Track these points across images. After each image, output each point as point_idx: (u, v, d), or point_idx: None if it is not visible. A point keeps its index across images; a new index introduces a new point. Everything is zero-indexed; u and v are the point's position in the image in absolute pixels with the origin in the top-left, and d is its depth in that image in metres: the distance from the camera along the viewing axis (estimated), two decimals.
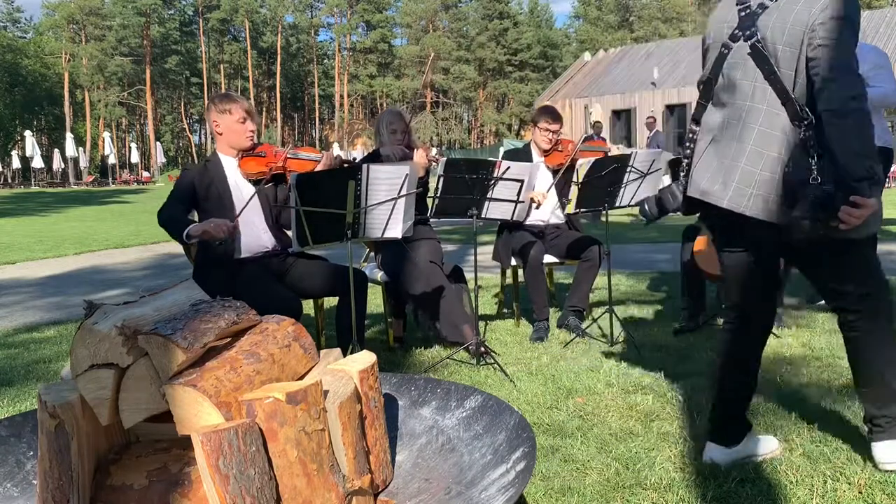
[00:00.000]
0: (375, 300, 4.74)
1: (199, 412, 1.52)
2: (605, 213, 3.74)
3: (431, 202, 3.38)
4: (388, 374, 2.29)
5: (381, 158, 3.84)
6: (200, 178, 3.23)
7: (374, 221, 2.99)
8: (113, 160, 44.13)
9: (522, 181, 3.39)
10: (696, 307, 4.00)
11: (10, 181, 44.71)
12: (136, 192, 31.46)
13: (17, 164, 42.02)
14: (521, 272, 4.14)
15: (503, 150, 4.43)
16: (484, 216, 3.44)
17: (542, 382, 3.06)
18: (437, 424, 2.09)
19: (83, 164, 42.47)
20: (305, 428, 1.57)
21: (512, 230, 4.12)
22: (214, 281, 3.03)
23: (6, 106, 51.86)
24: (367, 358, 1.94)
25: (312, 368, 1.90)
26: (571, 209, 3.65)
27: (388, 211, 2.98)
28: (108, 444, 1.70)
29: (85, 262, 8.26)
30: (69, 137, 38.47)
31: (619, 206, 3.72)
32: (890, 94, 3.81)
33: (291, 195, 2.79)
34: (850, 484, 2.03)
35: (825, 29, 1.90)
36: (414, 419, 2.14)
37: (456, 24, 60.82)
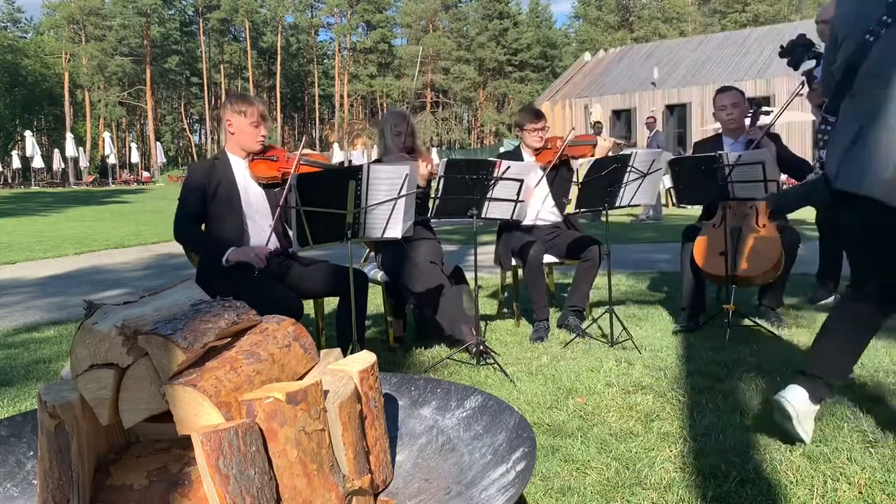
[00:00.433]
0: (375, 300, 4.74)
1: (199, 412, 1.52)
2: (605, 213, 3.74)
3: (432, 202, 3.38)
4: (388, 374, 2.29)
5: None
6: (208, 176, 3.22)
7: (374, 221, 2.99)
8: (113, 160, 44.13)
9: (522, 181, 3.39)
10: (696, 307, 4.00)
11: (10, 181, 44.74)
12: (136, 192, 31.47)
13: (17, 164, 42.01)
14: (520, 272, 4.14)
15: (503, 150, 4.44)
16: (484, 216, 3.44)
17: (542, 382, 3.06)
18: (437, 424, 2.09)
19: (83, 164, 42.48)
20: (305, 428, 1.57)
21: (511, 231, 4.12)
22: (217, 281, 3.04)
23: (6, 106, 51.88)
24: (367, 358, 1.94)
25: (312, 368, 1.90)
26: (571, 209, 3.65)
27: (388, 211, 2.98)
28: (108, 444, 1.70)
29: (85, 262, 8.26)
30: (69, 137, 38.47)
31: (619, 206, 3.72)
32: None
33: (291, 195, 2.79)
34: (850, 484, 2.04)
35: None
36: (414, 419, 2.14)
37: (456, 24, 60.84)
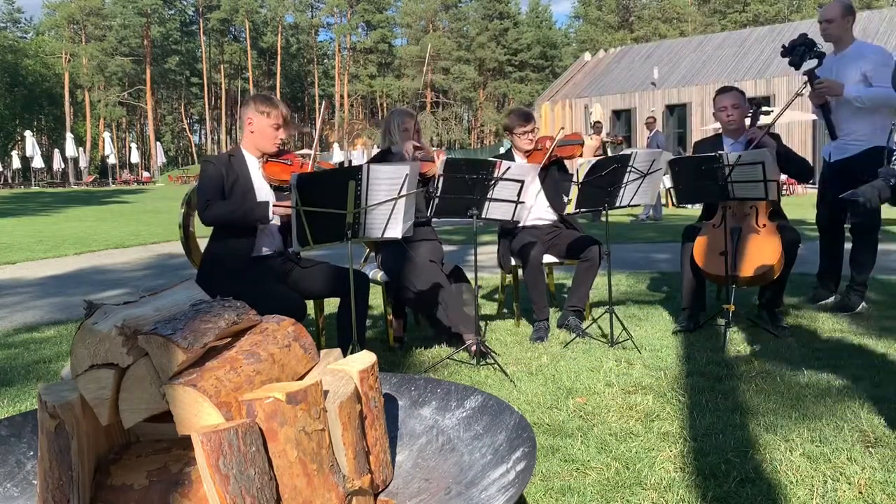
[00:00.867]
0: (375, 300, 4.74)
1: (199, 412, 1.52)
2: (604, 212, 3.74)
3: (431, 202, 3.37)
4: (388, 374, 2.29)
5: (393, 157, 3.83)
6: (226, 170, 3.21)
7: (374, 221, 2.99)
8: (113, 160, 44.14)
9: (523, 181, 3.39)
10: (696, 307, 4.00)
11: (10, 181, 44.71)
12: (136, 192, 31.47)
13: (17, 164, 42.02)
14: (520, 272, 4.14)
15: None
16: (484, 216, 3.44)
17: (542, 382, 3.06)
18: (437, 424, 2.09)
19: (83, 164, 42.50)
20: (305, 428, 1.57)
21: (512, 233, 4.12)
22: (219, 280, 3.04)
23: (6, 106, 51.89)
24: (367, 358, 1.94)
25: (312, 368, 1.90)
26: (571, 209, 3.65)
27: (388, 211, 2.98)
28: (108, 444, 1.70)
29: (85, 262, 8.26)
30: (69, 137, 38.48)
31: (619, 206, 3.72)
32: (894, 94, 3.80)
33: (292, 195, 2.79)
34: (850, 484, 2.03)
35: None
36: (414, 419, 2.14)
37: (456, 24, 60.85)
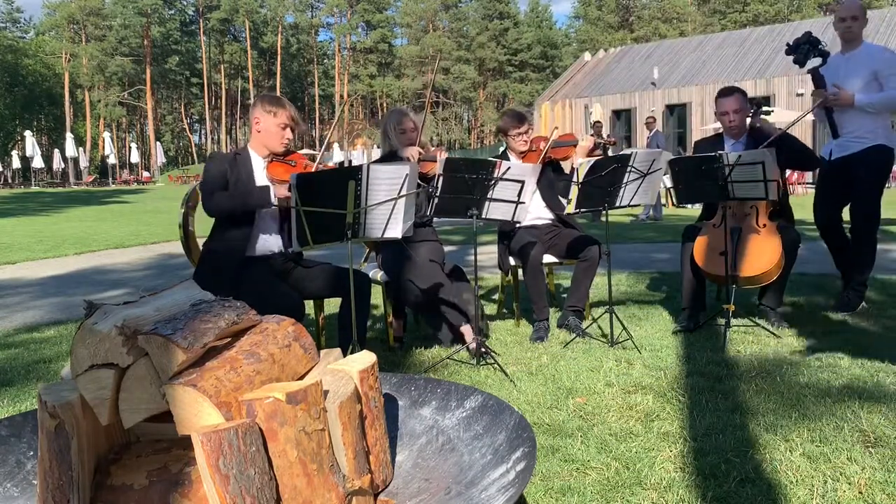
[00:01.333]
0: (375, 300, 4.74)
1: (199, 412, 1.52)
2: (604, 212, 3.74)
3: (431, 202, 3.37)
4: (388, 374, 2.29)
5: (398, 160, 3.82)
6: (230, 168, 3.22)
7: (374, 221, 2.99)
8: (113, 160, 44.15)
9: (523, 182, 3.38)
10: (696, 307, 4.00)
11: (10, 181, 44.71)
12: (136, 192, 31.47)
13: (17, 164, 42.04)
14: (520, 272, 4.14)
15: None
16: (484, 216, 3.44)
17: (542, 382, 3.06)
18: (437, 424, 2.09)
19: (83, 164, 42.50)
20: (305, 428, 1.57)
21: (511, 233, 4.12)
22: (217, 280, 3.04)
23: (6, 106, 51.89)
24: (367, 358, 1.94)
25: (312, 368, 1.90)
26: (571, 209, 3.65)
27: (388, 211, 2.98)
28: (108, 444, 1.70)
29: (85, 262, 8.26)
30: (69, 137, 38.47)
31: (619, 206, 3.72)
32: None
33: (291, 195, 2.79)
34: (850, 484, 2.03)
35: None
36: (414, 419, 2.14)
37: (456, 24, 60.84)
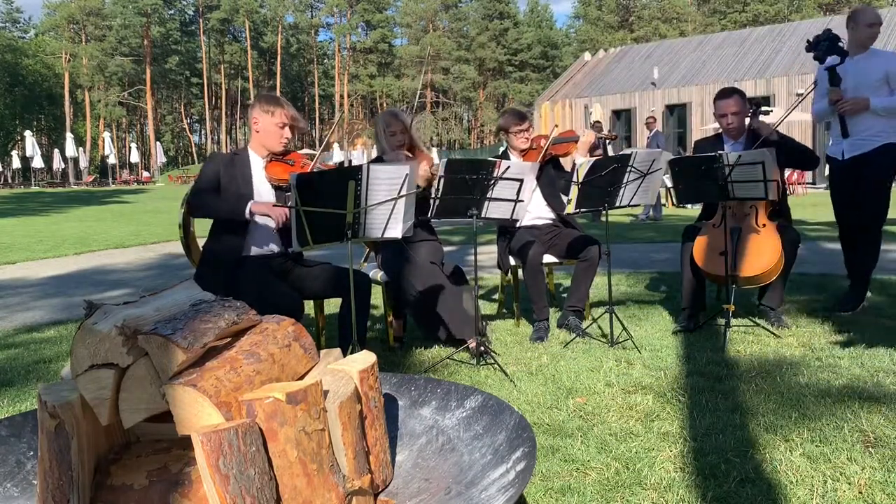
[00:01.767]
0: (375, 300, 4.74)
1: (199, 412, 1.52)
2: (604, 212, 3.74)
3: (431, 202, 3.37)
4: (388, 374, 2.29)
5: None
6: (226, 167, 3.22)
7: (374, 221, 2.99)
8: (113, 160, 44.15)
9: (522, 180, 3.39)
10: (696, 307, 4.00)
11: (10, 181, 44.73)
12: (136, 192, 31.48)
13: (17, 164, 42.03)
14: (520, 272, 4.13)
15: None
16: (484, 216, 3.44)
17: (542, 382, 3.06)
18: (437, 424, 2.09)
19: (83, 164, 42.51)
20: (305, 428, 1.57)
21: (511, 233, 4.12)
22: (217, 280, 3.04)
23: (6, 106, 51.90)
24: (367, 358, 1.94)
25: (312, 368, 1.90)
26: (571, 209, 3.65)
27: (388, 211, 2.98)
28: (108, 444, 1.70)
29: (85, 262, 8.26)
30: (69, 137, 38.48)
31: (618, 206, 3.72)
32: None
33: (291, 195, 2.79)
34: (850, 484, 2.03)
35: None
36: (414, 419, 2.14)
37: (456, 24, 60.86)
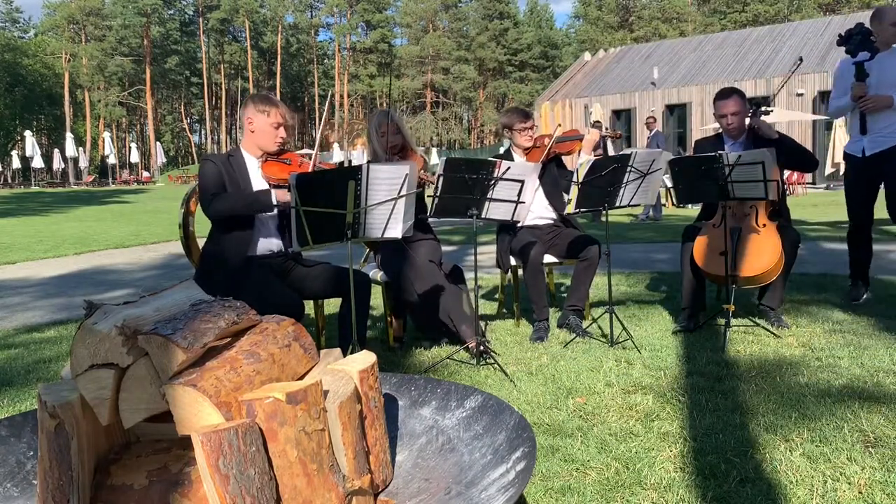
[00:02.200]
0: (375, 300, 4.74)
1: (199, 412, 1.52)
2: (604, 212, 3.74)
3: (431, 202, 3.37)
4: (388, 374, 2.29)
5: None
6: (225, 169, 3.22)
7: (374, 221, 2.99)
8: (113, 160, 44.16)
9: (523, 181, 3.39)
10: (696, 307, 4.00)
11: (10, 181, 44.73)
12: (136, 192, 31.48)
13: (17, 164, 42.03)
14: (520, 272, 4.13)
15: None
16: (484, 216, 3.44)
17: (542, 382, 3.06)
18: (437, 424, 2.09)
19: (83, 164, 42.51)
20: (305, 428, 1.57)
21: (511, 233, 4.12)
22: (218, 280, 3.04)
23: (6, 106, 51.90)
24: (367, 358, 1.94)
25: (312, 368, 1.90)
26: (571, 209, 3.65)
27: (388, 211, 2.98)
28: (108, 444, 1.70)
29: (85, 262, 8.26)
30: (69, 137, 38.48)
31: (618, 206, 3.72)
32: None
33: (291, 195, 2.79)
34: (850, 484, 2.03)
35: None
36: (414, 419, 2.14)
37: (456, 24, 60.86)
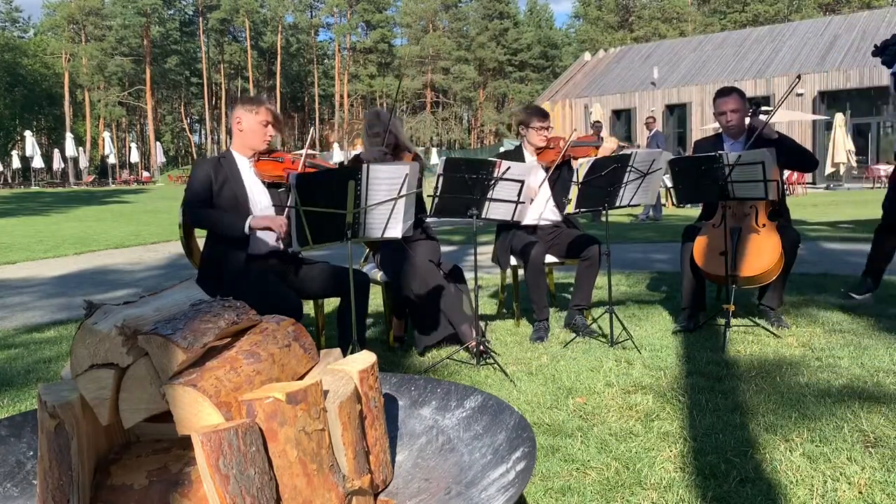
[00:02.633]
0: (375, 300, 4.74)
1: (199, 412, 1.52)
2: (604, 212, 3.74)
3: (431, 201, 3.37)
4: (388, 374, 2.29)
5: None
6: (215, 172, 3.22)
7: (374, 221, 2.99)
8: (113, 160, 44.16)
9: (523, 181, 3.38)
10: (695, 307, 4.00)
11: (10, 181, 44.73)
12: (136, 192, 31.49)
13: (17, 164, 42.04)
14: (520, 272, 4.13)
15: (503, 150, 4.43)
16: (484, 216, 3.43)
17: (542, 382, 3.06)
18: (437, 424, 2.09)
19: (83, 164, 42.52)
20: (305, 428, 1.57)
21: (511, 231, 4.11)
22: (218, 281, 3.04)
23: (6, 106, 51.87)
24: (367, 358, 1.94)
25: (312, 368, 1.90)
26: (571, 209, 3.65)
27: (387, 211, 2.98)
28: (108, 444, 1.70)
29: (86, 262, 8.26)
30: (69, 137, 38.49)
31: (618, 206, 3.72)
32: None
33: (291, 195, 2.79)
34: (850, 484, 2.04)
35: None
36: (414, 419, 2.14)
37: (456, 24, 60.84)
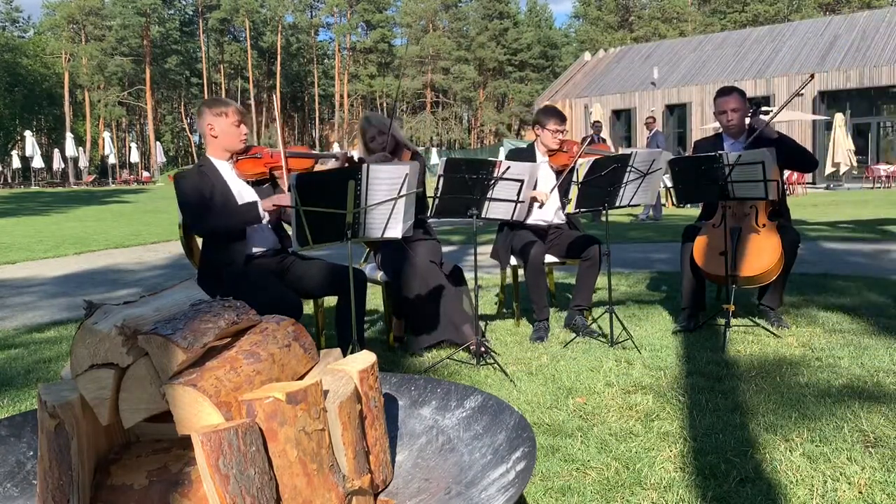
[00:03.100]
0: (375, 300, 4.74)
1: (199, 412, 1.52)
2: (604, 212, 3.74)
3: (431, 202, 3.37)
4: (388, 374, 2.29)
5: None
6: (201, 182, 3.22)
7: (374, 221, 2.99)
8: (113, 160, 44.17)
9: (523, 181, 3.38)
10: (695, 307, 4.00)
11: (10, 181, 44.74)
12: (136, 191, 31.49)
13: (17, 163, 42.06)
14: (520, 272, 4.13)
15: (503, 150, 4.42)
16: (484, 216, 3.43)
17: (542, 382, 3.06)
18: (437, 424, 2.09)
19: (83, 163, 42.51)
20: (305, 428, 1.57)
21: (512, 229, 4.11)
22: (218, 280, 3.04)
23: (6, 106, 51.85)
24: (367, 358, 1.94)
25: (312, 368, 1.90)
26: (571, 209, 3.65)
27: (388, 211, 2.98)
28: (108, 444, 1.70)
29: (86, 262, 8.26)
30: (69, 137, 38.49)
31: (618, 206, 3.72)
32: None
33: (291, 195, 2.79)
34: (850, 484, 2.04)
35: None
36: (414, 419, 2.14)
37: (456, 24, 60.85)
